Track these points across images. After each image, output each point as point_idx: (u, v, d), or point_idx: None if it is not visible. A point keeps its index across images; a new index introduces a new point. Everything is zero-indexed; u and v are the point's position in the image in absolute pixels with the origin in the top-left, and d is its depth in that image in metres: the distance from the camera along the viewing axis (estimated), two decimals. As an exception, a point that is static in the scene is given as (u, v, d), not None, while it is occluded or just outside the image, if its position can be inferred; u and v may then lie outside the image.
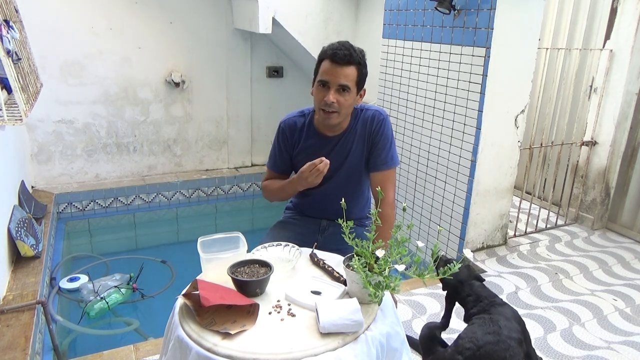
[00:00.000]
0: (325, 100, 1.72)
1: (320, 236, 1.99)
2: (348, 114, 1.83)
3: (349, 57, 1.71)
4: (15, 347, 1.97)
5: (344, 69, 1.71)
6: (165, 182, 4.27)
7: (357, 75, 1.74)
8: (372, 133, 1.86)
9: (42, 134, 3.89)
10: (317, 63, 1.79)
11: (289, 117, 1.93)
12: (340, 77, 1.71)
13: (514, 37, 2.56)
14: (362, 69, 1.76)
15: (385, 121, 1.87)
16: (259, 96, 4.65)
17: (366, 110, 1.88)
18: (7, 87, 2.36)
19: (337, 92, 1.72)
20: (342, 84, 1.71)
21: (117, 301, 2.85)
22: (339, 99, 1.72)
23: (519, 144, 2.84)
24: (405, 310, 2.40)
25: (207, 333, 1.21)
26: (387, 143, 1.86)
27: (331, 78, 1.72)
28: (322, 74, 1.75)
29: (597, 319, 2.36)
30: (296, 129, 1.90)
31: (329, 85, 1.72)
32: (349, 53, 1.71)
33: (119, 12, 3.87)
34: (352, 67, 1.72)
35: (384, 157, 1.86)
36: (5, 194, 2.71)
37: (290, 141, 1.91)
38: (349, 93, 1.74)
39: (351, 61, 1.71)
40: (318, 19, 3.92)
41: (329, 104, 1.72)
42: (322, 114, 1.77)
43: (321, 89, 1.75)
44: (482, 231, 2.91)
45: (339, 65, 1.70)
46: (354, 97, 1.77)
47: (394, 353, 1.35)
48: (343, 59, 1.70)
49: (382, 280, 1.26)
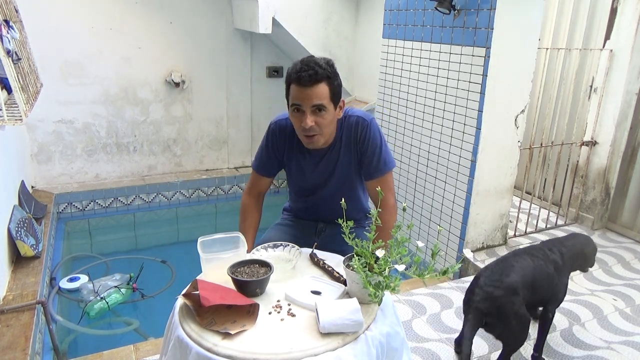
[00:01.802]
0: (303, 125, 1.65)
1: (317, 238, 1.98)
2: (332, 132, 1.76)
3: (314, 76, 1.60)
4: (15, 347, 1.98)
5: (314, 89, 1.61)
6: (165, 182, 4.27)
7: (329, 90, 1.64)
8: (359, 141, 1.79)
9: (42, 134, 3.89)
10: (286, 88, 1.70)
11: (281, 119, 1.86)
12: (312, 98, 1.61)
13: (514, 37, 2.56)
14: (334, 82, 1.66)
15: (370, 127, 1.79)
16: (259, 96, 4.66)
17: (349, 117, 1.80)
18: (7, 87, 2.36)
19: (313, 114, 1.64)
20: (315, 105, 1.62)
21: (117, 301, 2.85)
22: (317, 120, 1.65)
23: (519, 144, 2.84)
24: (405, 310, 2.40)
25: (207, 333, 1.21)
26: (375, 149, 1.79)
27: (303, 102, 1.62)
28: (292, 98, 1.66)
29: (597, 319, 2.36)
30: (286, 133, 1.84)
31: (302, 109, 1.65)
32: (314, 72, 1.60)
33: (119, 12, 3.88)
34: (321, 84, 1.61)
35: (376, 165, 1.80)
36: (5, 194, 2.71)
37: (279, 144, 1.85)
38: (326, 111, 1.66)
39: (318, 79, 1.60)
40: (318, 19, 3.92)
41: (307, 129, 1.66)
42: (305, 140, 1.71)
43: (296, 114, 1.67)
44: (482, 231, 2.91)
45: (307, 87, 1.61)
46: (333, 112, 1.69)
47: (394, 353, 1.35)
48: (310, 80, 1.60)
49: (382, 280, 1.26)
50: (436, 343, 2.16)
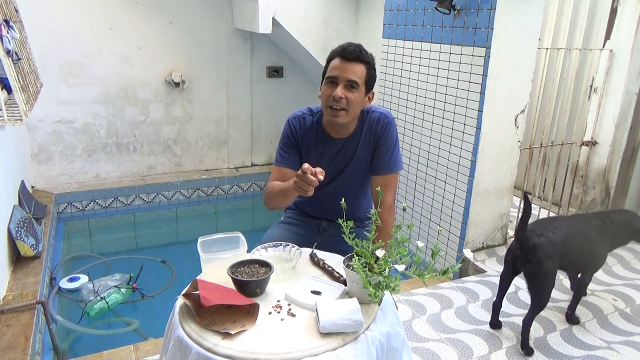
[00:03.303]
0: (333, 95, 1.69)
1: (319, 237, 1.99)
2: (356, 115, 1.79)
3: (358, 54, 1.69)
4: (15, 347, 1.98)
5: (353, 65, 1.69)
6: (165, 182, 4.27)
7: (366, 73, 1.72)
8: (377, 135, 1.83)
9: (42, 134, 3.89)
10: (326, 63, 1.77)
11: (298, 114, 1.90)
12: (349, 72, 1.69)
13: (514, 37, 2.56)
14: (371, 70, 1.75)
15: (390, 124, 1.84)
16: (259, 96, 4.66)
17: (372, 113, 1.85)
18: (7, 87, 2.36)
19: (346, 88, 1.69)
20: (350, 80, 1.69)
21: (117, 301, 2.85)
22: (348, 95, 1.69)
23: (519, 144, 2.84)
24: (405, 310, 2.40)
25: (207, 333, 1.21)
26: (390, 147, 1.83)
27: (340, 73, 1.69)
28: (330, 70, 1.73)
29: (597, 319, 2.36)
30: (305, 125, 1.87)
31: (337, 82, 1.70)
32: (359, 50, 1.70)
33: (119, 12, 3.88)
34: (361, 64, 1.70)
35: (387, 161, 1.84)
36: (5, 194, 2.71)
37: (299, 135, 1.87)
38: (358, 90, 1.71)
39: (360, 58, 1.70)
40: (318, 19, 3.92)
41: (337, 99, 1.68)
42: (330, 112, 1.73)
43: (329, 85, 1.72)
44: (482, 231, 2.91)
45: (348, 61, 1.69)
46: (362, 96, 1.74)
47: (394, 353, 1.35)
48: (352, 54, 1.69)
49: (382, 280, 1.26)
50: (436, 343, 2.16)
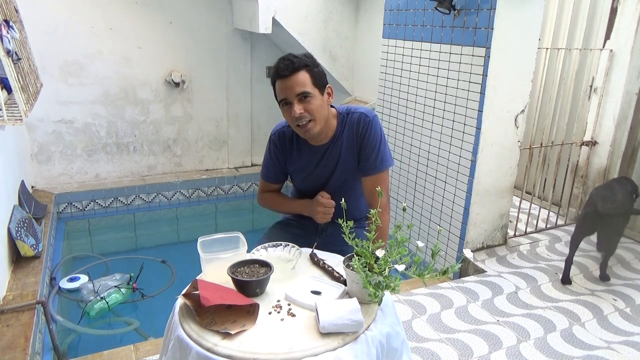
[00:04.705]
0: (293, 116, 1.68)
1: (318, 238, 1.99)
2: (325, 117, 1.77)
3: (292, 66, 1.65)
4: (15, 347, 1.98)
5: (294, 78, 1.66)
6: (165, 182, 4.27)
7: (309, 77, 1.67)
8: (360, 137, 1.81)
9: (42, 134, 3.89)
10: (273, 90, 1.75)
11: (277, 128, 1.92)
12: (295, 86, 1.66)
13: (514, 37, 2.56)
14: (313, 69, 1.69)
15: (372, 123, 1.81)
16: (259, 96, 4.66)
17: (352, 114, 1.83)
18: (7, 87, 2.36)
19: (301, 102, 1.67)
20: (299, 93, 1.66)
21: (117, 301, 2.85)
22: (306, 106, 1.68)
23: (519, 144, 2.84)
24: (405, 310, 2.40)
25: (207, 333, 1.21)
26: (375, 146, 1.81)
27: (288, 93, 1.67)
28: (278, 93, 1.71)
29: (597, 319, 2.36)
30: (286, 139, 1.88)
31: (290, 101, 1.68)
32: (291, 62, 1.66)
33: (119, 12, 3.88)
34: (300, 72, 1.66)
35: (373, 161, 1.81)
36: (5, 194, 2.71)
37: (281, 151, 1.90)
38: (312, 97, 1.68)
39: (296, 68, 1.66)
40: (318, 19, 3.93)
41: (299, 117, 1.68)
42: (300, 130, 1.73)
43: (286, 108, 1.71)
44: (482, 231, 2.91)
45: (287, 78, 1.66)
46: (320, 98, 1.72)
47: (394, 353, 1.35)
48: (287, 70, 1.65)
49: (382, 280, 1.26)
50: (436, 343, 2.16)
